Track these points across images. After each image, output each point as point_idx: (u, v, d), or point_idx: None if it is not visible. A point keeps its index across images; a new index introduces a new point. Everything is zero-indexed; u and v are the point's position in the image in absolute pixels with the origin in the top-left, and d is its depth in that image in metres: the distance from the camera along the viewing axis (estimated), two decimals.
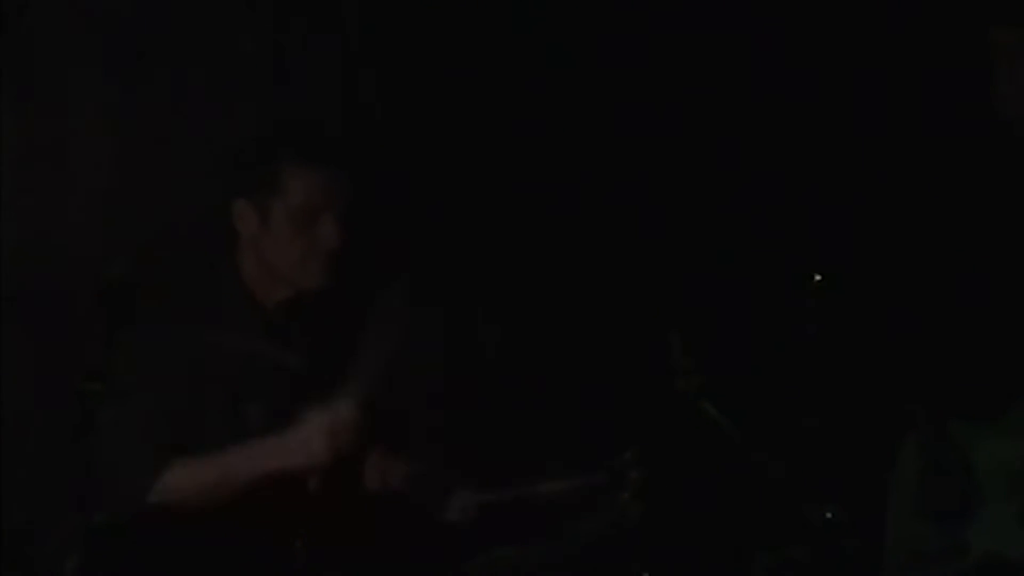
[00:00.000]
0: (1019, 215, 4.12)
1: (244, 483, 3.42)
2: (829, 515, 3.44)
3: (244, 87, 4.35)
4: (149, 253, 4.04)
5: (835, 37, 4.69)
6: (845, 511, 3.48)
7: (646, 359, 3.74)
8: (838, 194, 4.64)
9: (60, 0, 4.17)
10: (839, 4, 4.69)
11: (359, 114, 4.49)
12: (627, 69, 4.70)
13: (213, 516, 3.40)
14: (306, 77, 4.43)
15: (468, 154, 4.60)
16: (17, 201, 4.11)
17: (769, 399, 4.02)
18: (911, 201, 4.50)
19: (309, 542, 3.45)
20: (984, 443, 3.94)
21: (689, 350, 3.54)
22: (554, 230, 4.64)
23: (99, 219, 4.18)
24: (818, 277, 3.77)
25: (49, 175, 4.16)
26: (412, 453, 3.77)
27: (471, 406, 4.57)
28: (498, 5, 4.65)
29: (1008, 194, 4.16)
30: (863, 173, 4.63)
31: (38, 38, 4.17)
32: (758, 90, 4.71)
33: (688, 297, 4.57)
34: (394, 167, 4.50)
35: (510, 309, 4.66)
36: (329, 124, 4.21)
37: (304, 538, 3.44)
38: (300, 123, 3.75)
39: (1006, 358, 4.00)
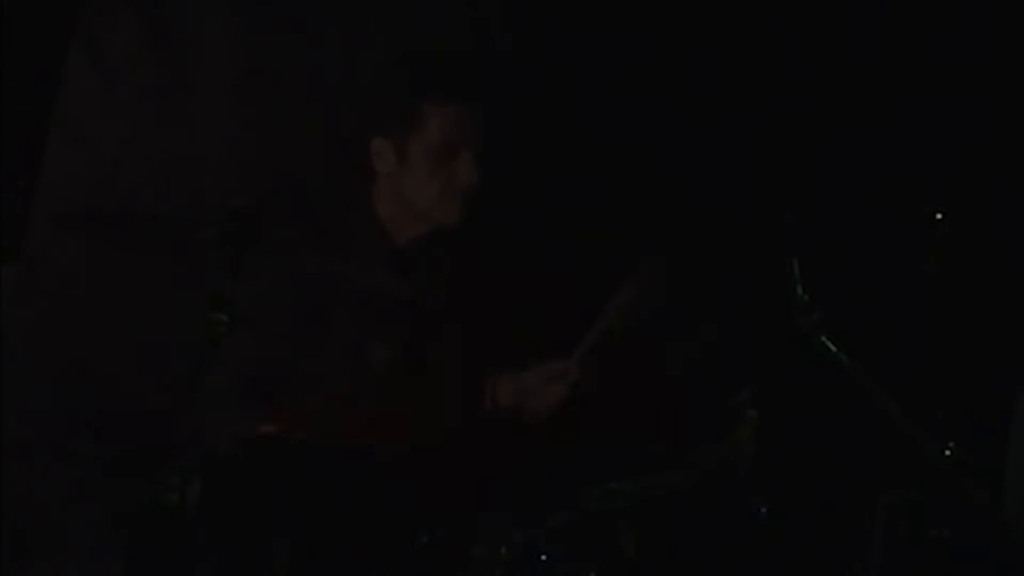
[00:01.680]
0: None
1: None
2: (948, 451, 3.42)
3: (374, 20, 4.35)
4: (278, 186, 4.07)
5: None
6: (965, 450, 3.46)
7: (765, 296, 3.73)
8: (963, 130, 4.58)
9: None
10: None
11: (497, 50, 4.46)
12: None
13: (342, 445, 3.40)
14: (442, 11, 4.42)
15: (601, 92, 4.56)
16: (149, 131, 4.16)
17: (889, 336, 3.99)
18: None
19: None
20: None
21: (808, 286, 3.52)
22: (681, 164, 4.60)
23: (227, 150, 4.22)
24: (940, 215, 3.74)
25: (180, 106, 4.21)
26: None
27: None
28: None
29: None
30: (991, 110, 4.56)
31: None
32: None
33: (808, 233, 4.53)
34: (532, 104, 4.47)
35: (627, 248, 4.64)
36: (469, 61, 4.18)
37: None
38: (439, 57, 3.74)
39: None
